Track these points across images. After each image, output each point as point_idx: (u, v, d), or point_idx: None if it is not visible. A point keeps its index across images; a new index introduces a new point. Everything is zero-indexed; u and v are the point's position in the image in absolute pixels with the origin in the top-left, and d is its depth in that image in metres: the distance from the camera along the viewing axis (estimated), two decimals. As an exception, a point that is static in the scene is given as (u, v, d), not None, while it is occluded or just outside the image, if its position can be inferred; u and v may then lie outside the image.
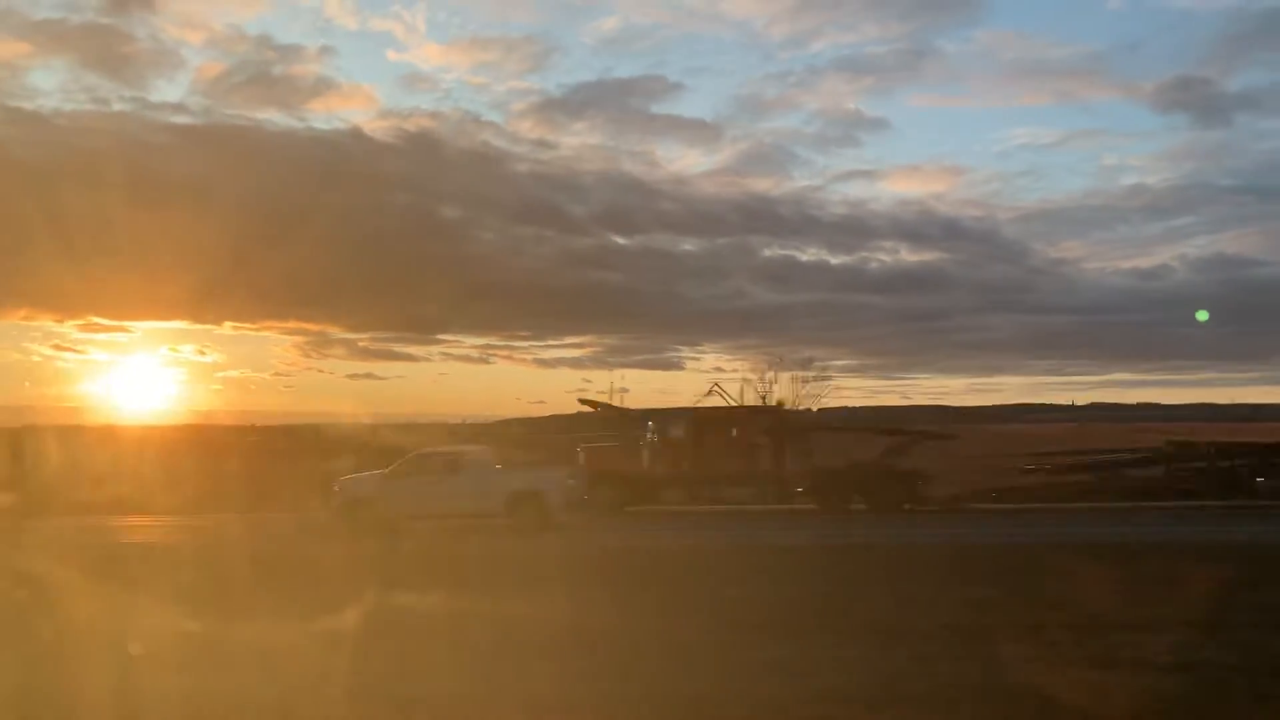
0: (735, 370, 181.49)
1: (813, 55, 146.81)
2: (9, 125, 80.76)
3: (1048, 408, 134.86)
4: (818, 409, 41.22)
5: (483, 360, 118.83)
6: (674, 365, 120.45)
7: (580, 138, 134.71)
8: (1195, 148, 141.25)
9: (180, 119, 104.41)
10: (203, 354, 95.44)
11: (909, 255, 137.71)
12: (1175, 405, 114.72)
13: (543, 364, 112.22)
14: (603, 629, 9.24)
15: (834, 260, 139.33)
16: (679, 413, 27.05)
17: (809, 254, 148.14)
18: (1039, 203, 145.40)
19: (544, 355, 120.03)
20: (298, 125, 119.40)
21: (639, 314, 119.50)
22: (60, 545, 17.57)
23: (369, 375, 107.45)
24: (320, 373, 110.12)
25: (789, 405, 27.29)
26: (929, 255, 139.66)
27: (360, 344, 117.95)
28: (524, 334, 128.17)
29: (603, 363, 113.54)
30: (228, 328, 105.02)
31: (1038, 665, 7.98)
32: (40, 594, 10.73)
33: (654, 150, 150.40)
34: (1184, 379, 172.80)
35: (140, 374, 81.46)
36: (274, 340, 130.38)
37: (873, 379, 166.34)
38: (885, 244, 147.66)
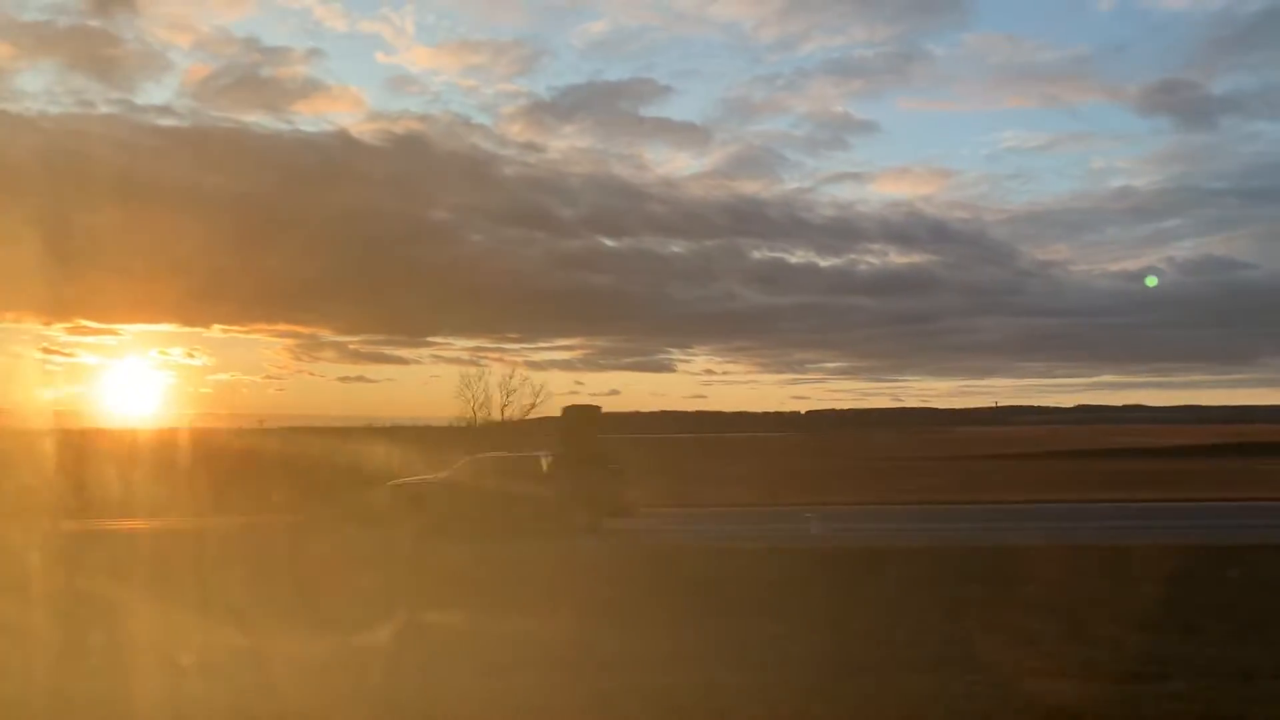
0: (728, 373, 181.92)
1: (801, 58, 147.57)
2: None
3: (1038, 410, 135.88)
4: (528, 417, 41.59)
5: (473, 363, 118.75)
6: (665, 368, 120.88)
7: (569, 140, 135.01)
8: (1182, 151, 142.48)
9: (167, 121, 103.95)
10: (192, 357, 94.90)
11: (898, 258, 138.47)
12: (1162, 408, 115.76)
13: (534, 366, 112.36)
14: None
15: (823, 263, 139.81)
16: None
17: (798, 256, 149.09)
18: (1027, 205, 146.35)
19: (535, 358, 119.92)
20: (285, 128, 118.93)
21: (629, 316, 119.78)
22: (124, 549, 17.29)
23: (360, 378, 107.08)
24: (311, 375, 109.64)
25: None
26: (918, 257, 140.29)
27: (351, 346, 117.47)
28: (514, 336, 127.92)
29: (594, 365, 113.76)
30: (217, 330, 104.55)
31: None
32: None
33: (643, 153, 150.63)
34: (1172, 381, 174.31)
35: (130, 377, 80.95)
36: (264, 343, 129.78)
37: (863, 381, 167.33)
38: (874, 246, 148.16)
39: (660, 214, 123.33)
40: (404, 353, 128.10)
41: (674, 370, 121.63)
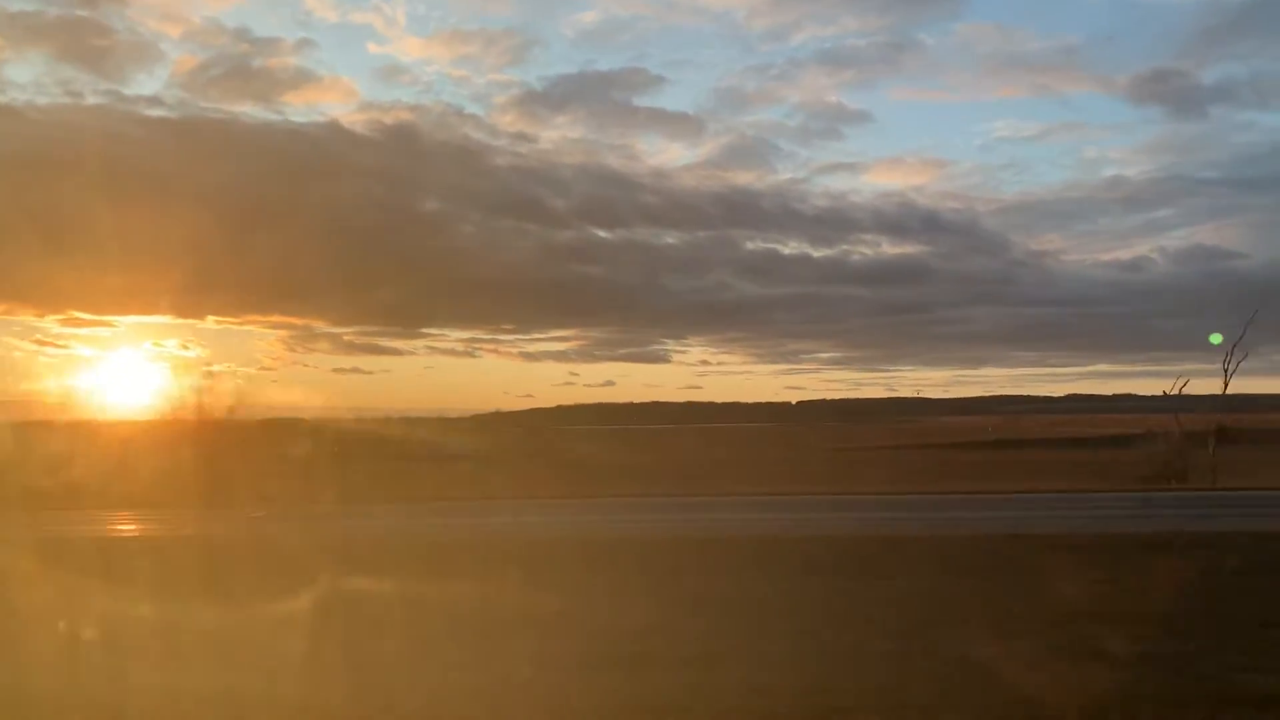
0: (723, 363, 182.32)
1: (794, 48, 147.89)
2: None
3: (1029, 399, 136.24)
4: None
5: (468, 354, 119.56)
6: (660, 359, 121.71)
7: (561, 131, 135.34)
8: (1173, 140, 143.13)
9: (156, 112, 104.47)
10: (186, 348, 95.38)
11: (890, 248, 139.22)
12: (1151, 397, 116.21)
13: (528, 357, 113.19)
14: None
15: (816, 253, 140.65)
16: None
17: (791, 247, 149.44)
18: (1019, 195, 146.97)
19: (529, 349, 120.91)
20: (276, 119, 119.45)
21: (623, 307, 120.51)
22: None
23: (355, 370, 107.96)
24: (306, 367, 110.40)
25: None
26: (910, 248, 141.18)
27: (345, 338, 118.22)
28: (508, 327, 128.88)
29: (589, 356, 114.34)
30: (210, 322, 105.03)
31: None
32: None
33: (635, 143, 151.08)
34: (1165, 370, 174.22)
35: (124, 368, 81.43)
36: (258, 334, 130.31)
37: (857, 371, 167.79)
38: (866, 237, 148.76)
39: (653, 205, 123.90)
40: (399, 344, 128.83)
41: (669, 361, 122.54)
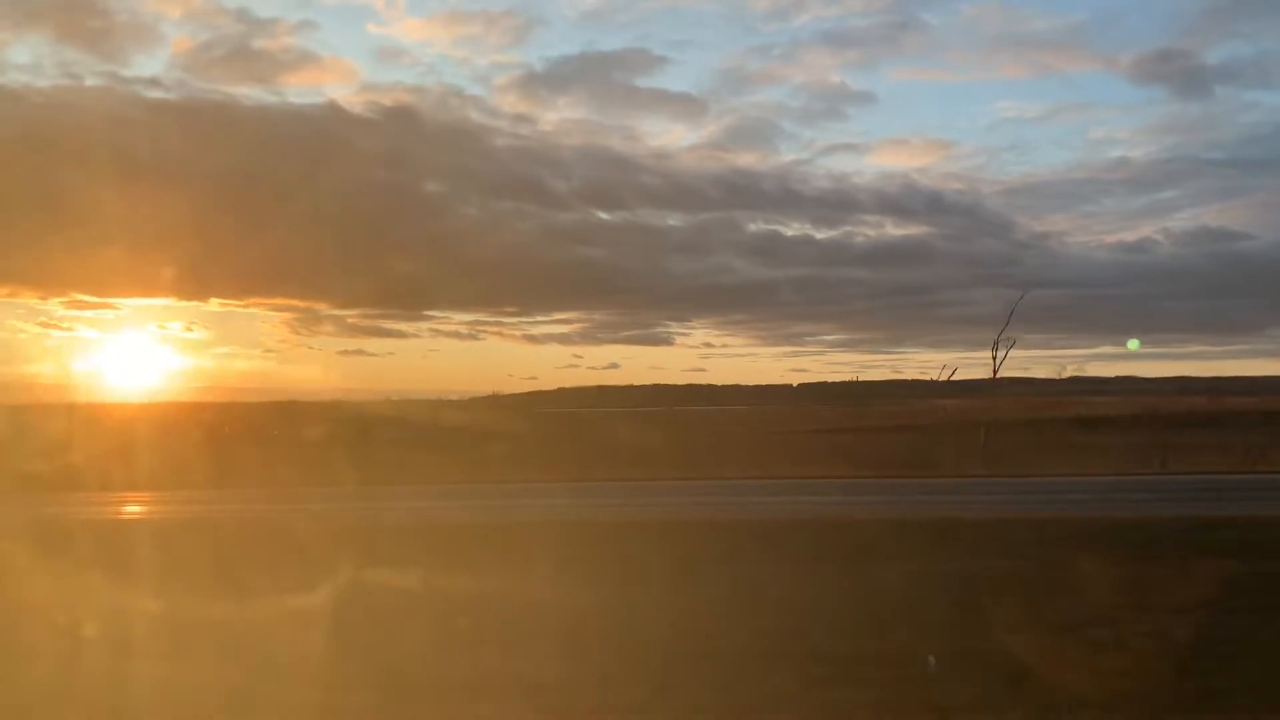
0: (727, 346, 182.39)
1: (796, 28, 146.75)
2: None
3: (1030, 381, 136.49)
4: None
5: (472, 336, 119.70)
6: (663, 341, 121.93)
7: (562, 112, 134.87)
8: (1179, 121, 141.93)
9: (156, 94, 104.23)
10: (190, 330, 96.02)
11: (894, 230, 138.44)
12: (1152, 379, 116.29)
13: (532, 340, 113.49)
14: None
15: (819, 235, 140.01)
16: None
17: (794, 229, 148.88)
18: (1023, 176, 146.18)
19: (533, 331, 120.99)
20: (276, 100, 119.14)
21: (625, 290, 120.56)
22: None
23: (360, 352, 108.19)
24: (310, 349, 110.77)
25: None
26: (914, 229, 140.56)
27: (349, 320, 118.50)
28: (511, 310, 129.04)
29: (592, 338, 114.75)
30: (214, 304, 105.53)
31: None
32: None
33: (638, 125, 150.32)
34: (1170, 352, 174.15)
35: (128, 351, 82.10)
36: (262, 317, 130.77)
37: (862, 353, 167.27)
38: (869, 218, 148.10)
39: (655, 186, 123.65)
40: (403, 326, 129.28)
41: (672, 344, 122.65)
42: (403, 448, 31.34)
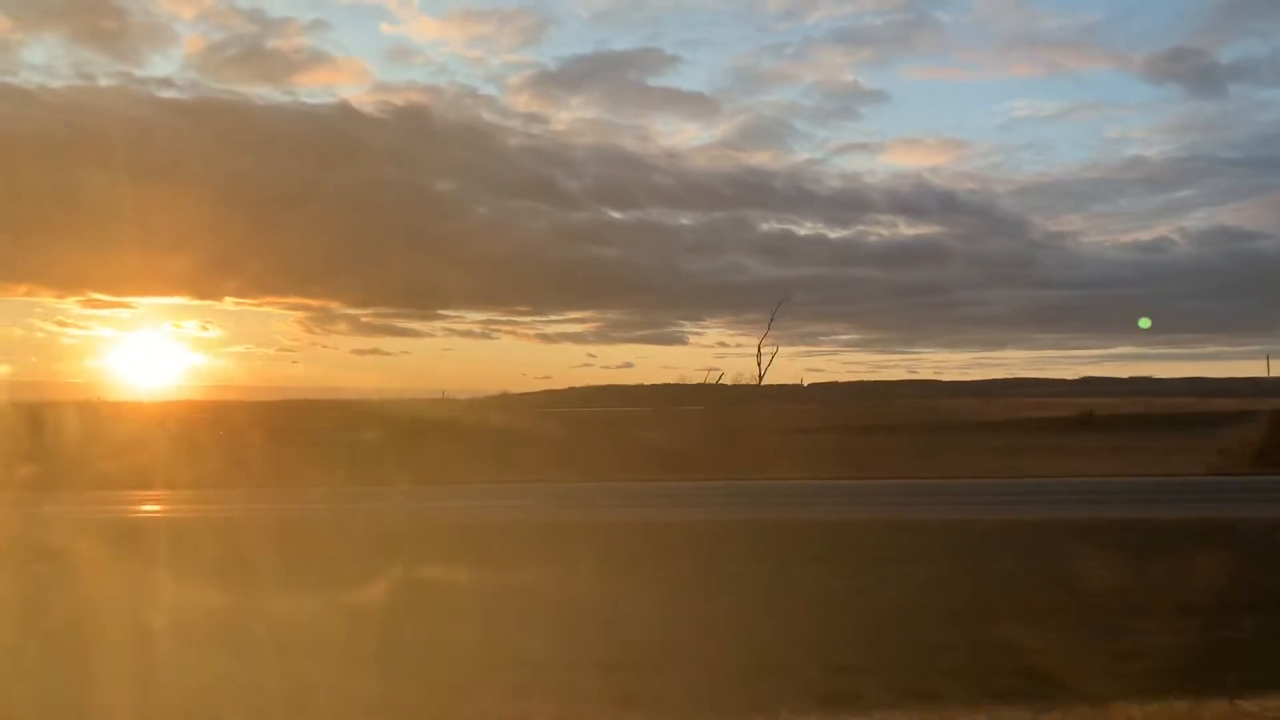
0: (740, 345, 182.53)
1: (809, 27, 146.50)
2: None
3: (1043, 382, 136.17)
4: None
5: (486, 336, 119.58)
6: (677, 340, 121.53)
7: (575, 112, 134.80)
8: (1194, 120, 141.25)
9: (169, 94, 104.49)
10: (205, 329, 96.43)
11: (907, 229, 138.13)
12: (1166, 380, 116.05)
13: (546, 339, 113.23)
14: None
15: (832, 234, 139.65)
16: None
17: (806, 228, 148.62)
18: (1038, 176, 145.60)
19: (547, 330, 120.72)
20: (289, 100, 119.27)
21: (638, 289, 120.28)
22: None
23: (375, 350, 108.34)
24: (325, 348, 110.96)
25: None
26: (927, 229, 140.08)
27: (363, 319, 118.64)
28: (525, 309, 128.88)
29: (606, 338, 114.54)
30: (229, 303, 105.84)
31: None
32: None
33: (650, 124, 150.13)
34: (1186, 353, 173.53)
35: (144, 349, 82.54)
36: (276, 316, 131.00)
37: (876, 353, 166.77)
38: (883, 218, 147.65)
39: (667, 186, 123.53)
40: (417, 325, 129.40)
41: (686, 343, 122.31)
42: (427, 447, 31.30)
